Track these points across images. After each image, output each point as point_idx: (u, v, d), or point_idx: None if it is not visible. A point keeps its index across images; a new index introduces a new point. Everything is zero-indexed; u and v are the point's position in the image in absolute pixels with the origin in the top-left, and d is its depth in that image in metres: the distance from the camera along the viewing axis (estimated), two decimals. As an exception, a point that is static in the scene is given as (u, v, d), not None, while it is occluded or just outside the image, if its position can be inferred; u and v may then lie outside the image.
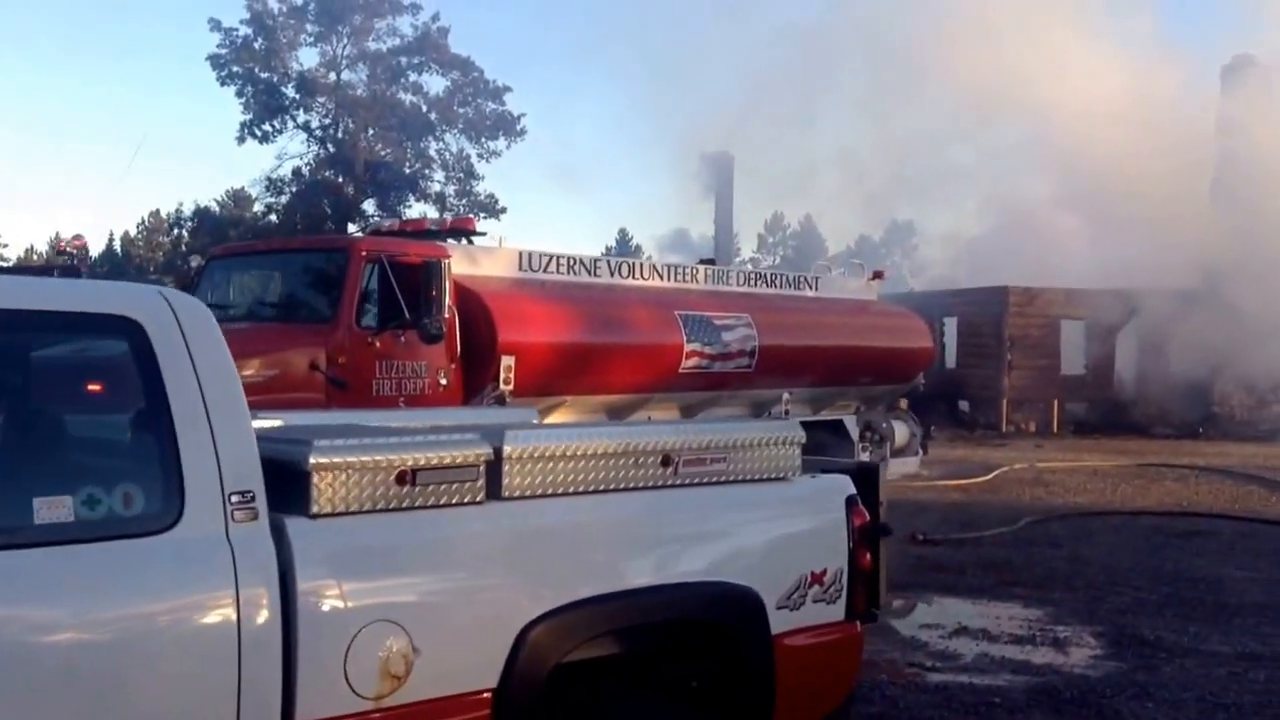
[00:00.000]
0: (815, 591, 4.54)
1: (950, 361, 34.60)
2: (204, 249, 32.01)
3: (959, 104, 53.73)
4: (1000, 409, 31.73)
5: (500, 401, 10.86)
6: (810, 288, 15.64)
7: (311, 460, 3.33)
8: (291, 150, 48.49)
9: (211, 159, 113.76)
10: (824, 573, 4.57)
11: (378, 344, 10.13)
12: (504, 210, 49.61)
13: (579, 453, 3.93)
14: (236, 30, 46.14)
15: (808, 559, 4.55)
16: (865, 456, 15.33)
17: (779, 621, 4.38)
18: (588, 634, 3.87)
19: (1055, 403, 32.12)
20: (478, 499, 3.66)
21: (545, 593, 3.74)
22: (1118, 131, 37.51)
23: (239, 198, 54.96)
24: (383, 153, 47.73)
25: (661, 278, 13.57)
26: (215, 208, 54.58)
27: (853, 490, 4.80)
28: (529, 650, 3.65)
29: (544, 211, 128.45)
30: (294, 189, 46.95)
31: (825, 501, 4.70)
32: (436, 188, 49.47)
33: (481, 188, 49.68)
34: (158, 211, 66.76)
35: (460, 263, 11.14)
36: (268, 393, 9.50)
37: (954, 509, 16.31)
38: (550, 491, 3.87)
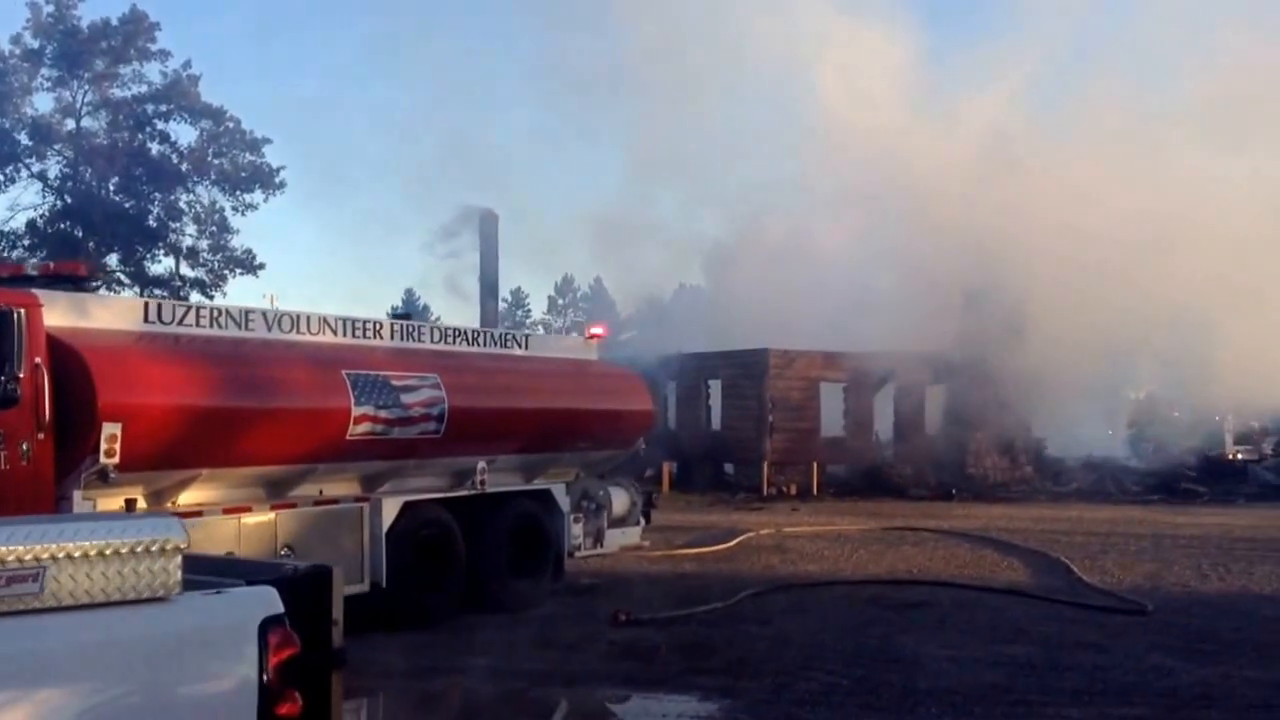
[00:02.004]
0: (195, 759, 3.22)
1: (715, 424, 34.11)
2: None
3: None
4: (762, 471, 31.25)
5: (102, 477, 9.23)
6: (519, 346, 14.47)
7: None
8: (25, 201, 45.13)
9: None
10: (210, 731, 3.26)
11: (-66, 411, 8.40)
12: (262, 266, 47.21)
13: None
14: (-39, 72, 42.82)
15: (183, 714, 3.22)
16: (577, 528, 14.16)
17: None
18: None
19: (816, 465, 31.83)
20: None
21: None
22: (882, 198, 38.03)
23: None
24: (126, 205, 44.81)
25: (335, 333, 12.14)
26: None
27: (277, 609, 3.50)
28: None
29: (325, 270, 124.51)
30: (27, 243, 43.51)
31: (224, 629, 3.39)
32: (189, 242, 46.83)
33: (238, 242, 47.22)
34: (-115, 267, 61.39)
35: (62, 314, 9.46)
36: None
37: (680, 581, 15.32)
38: None
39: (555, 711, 9.38)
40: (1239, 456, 37.43)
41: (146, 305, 10.59)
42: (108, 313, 10.21)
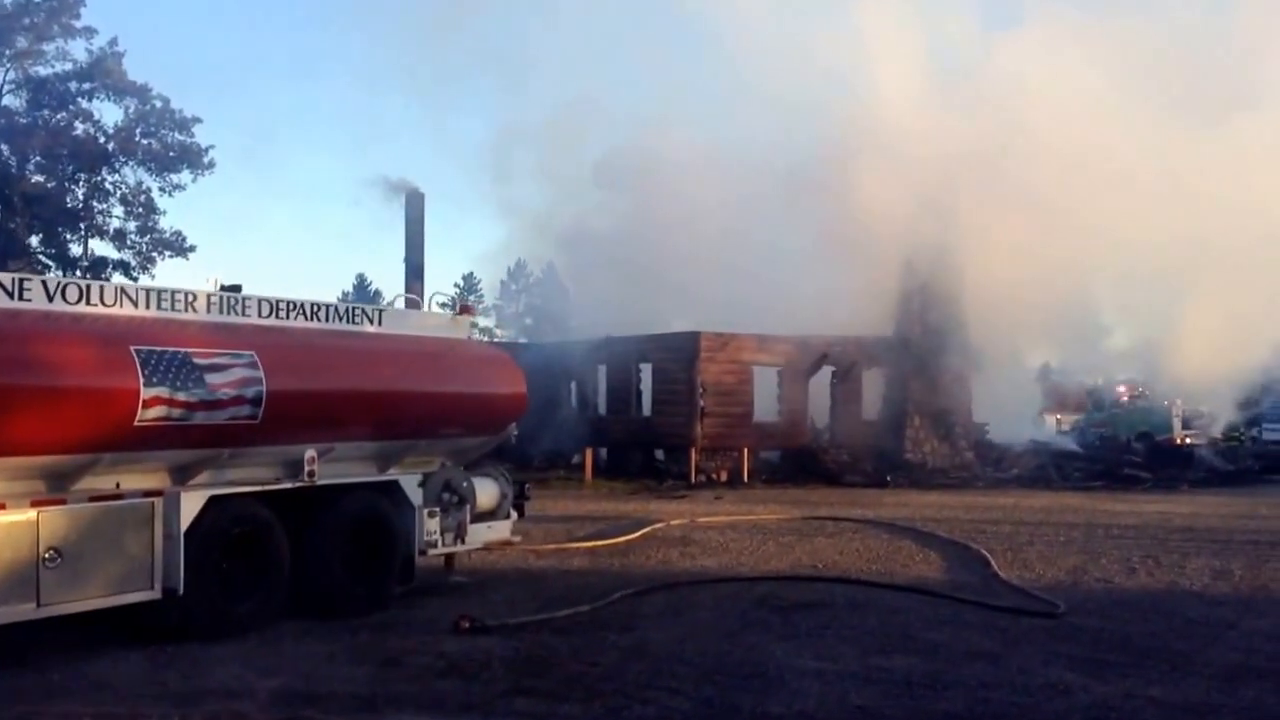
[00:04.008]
0: None
1: (646, 409, 32.78)
2: None
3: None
4: (690, 457, 29.90)
5: None
6: (370, 322, 12.98)
7: None
8: (-58, 182, 43.43)
9: None
10: None
11: None
12: (193, 248, 45.59)
13: None
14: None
15: None
16: (433, 523, 12.71)
17: None
18: None
19: (746, 451, 30.48)
20: None
21: None
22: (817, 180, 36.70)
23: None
24: (49, 185, 43.08)
25: (135, 305, 10.65)
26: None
27: None
28: None
29: (274, 253, 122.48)
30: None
31: None
32: (116, 224, 45.16)
33: (166, 223, 45.62)
34: None
35: None
36: None
37: (561, 580, 13.98)
38: None
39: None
40: (1187, 441, 36.52)
41: (-112, 273, 9.11)
42: None
